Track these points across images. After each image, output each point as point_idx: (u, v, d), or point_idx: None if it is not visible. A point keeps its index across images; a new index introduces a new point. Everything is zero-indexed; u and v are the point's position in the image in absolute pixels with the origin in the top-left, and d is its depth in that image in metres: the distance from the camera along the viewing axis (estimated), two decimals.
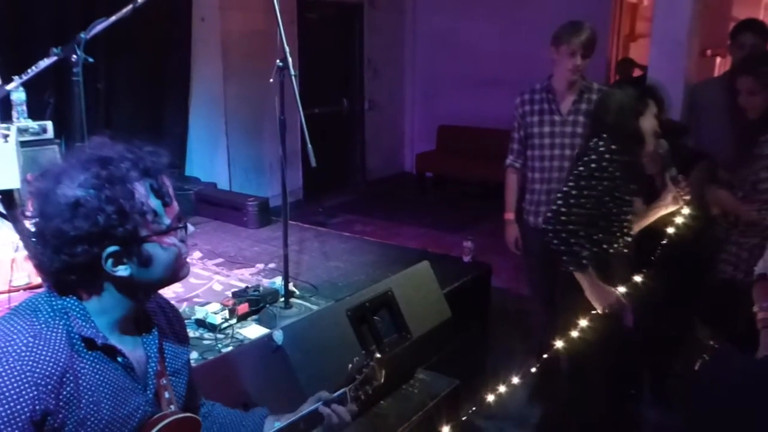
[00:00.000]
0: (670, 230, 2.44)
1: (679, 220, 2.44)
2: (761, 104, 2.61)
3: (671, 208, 2.46)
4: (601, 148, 2.36)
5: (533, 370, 2.44)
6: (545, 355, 2.42)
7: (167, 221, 1.20)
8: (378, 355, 1.59)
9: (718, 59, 3.99)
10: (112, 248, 1.14)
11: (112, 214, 1.12)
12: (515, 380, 2.42)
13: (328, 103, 7.44)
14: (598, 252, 2.41)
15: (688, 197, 2.40)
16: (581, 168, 2.39)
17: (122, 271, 1.16)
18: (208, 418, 1.51)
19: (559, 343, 2.37)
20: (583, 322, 2.36)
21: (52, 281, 1.18)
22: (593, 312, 2.37)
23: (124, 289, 1.20)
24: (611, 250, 2.43)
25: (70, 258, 1.12)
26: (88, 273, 1.15)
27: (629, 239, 2.47)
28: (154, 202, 1.18)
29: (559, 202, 2.39)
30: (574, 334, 2.35)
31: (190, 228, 1.26)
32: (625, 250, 2.46)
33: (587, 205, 2.35)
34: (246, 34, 6.11)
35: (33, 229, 1.16)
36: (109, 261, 1.15)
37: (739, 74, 2.68)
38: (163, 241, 1.19)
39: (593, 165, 2.36)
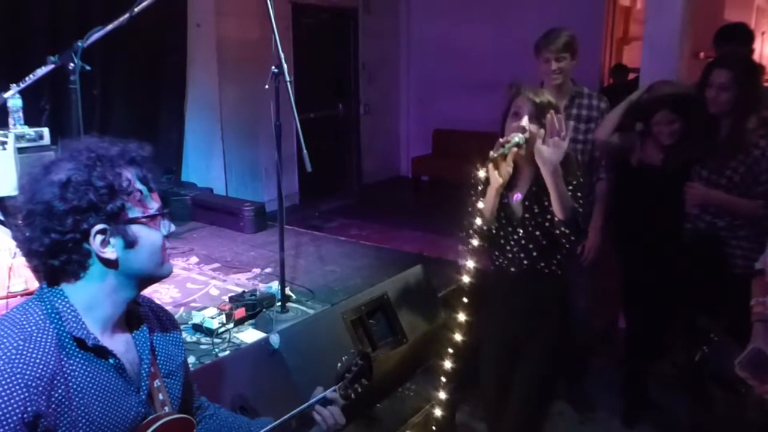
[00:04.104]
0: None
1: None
2: (728, 101, 2.55)
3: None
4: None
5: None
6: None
7: (154, 205, 1.25)
8: (368, 352, 1.61)
9: None
10: (100, 225, 1.17)
11: (102, 189, 1.16)
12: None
13: (324, 107, 7.46)
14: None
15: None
16: None
17: (109, 252, 1.19)
18: (214, 420, 1.53)
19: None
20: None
21: (40, 267, 1.20)
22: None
23: (111, 279, 1.21)
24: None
25: (60, 235, 1.15)
26: (77, 253, 1.17)
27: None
28: (141, 187, 1.23)
29: None
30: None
31: (171, 226, 1.30)
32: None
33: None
34: (241, 40, 6.13)
35: (22, 216, 1.19)
36: (98, 238, 1.17)
37: (717, 67, 2.60)
38: (149, 223, 1.23)
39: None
